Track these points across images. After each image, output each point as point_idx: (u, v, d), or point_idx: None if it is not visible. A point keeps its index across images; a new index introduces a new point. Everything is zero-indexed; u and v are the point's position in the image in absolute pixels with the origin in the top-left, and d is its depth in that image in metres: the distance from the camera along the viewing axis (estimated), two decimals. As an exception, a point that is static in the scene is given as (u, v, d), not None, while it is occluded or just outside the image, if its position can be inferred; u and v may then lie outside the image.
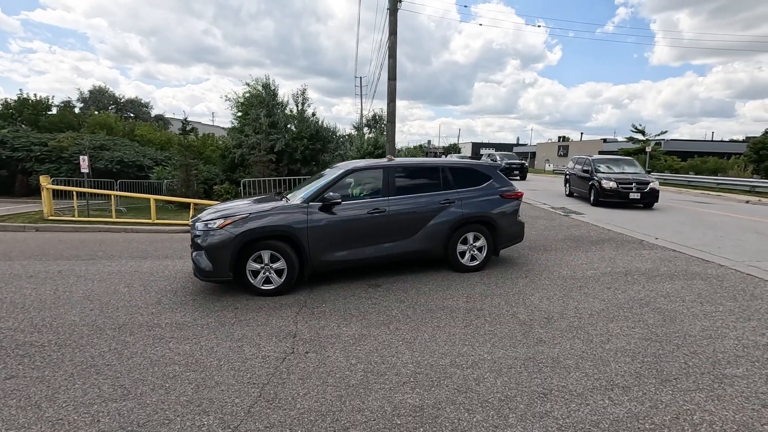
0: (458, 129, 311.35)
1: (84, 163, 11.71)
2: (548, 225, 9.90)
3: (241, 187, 11.35)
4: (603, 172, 13.48)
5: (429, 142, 63.94)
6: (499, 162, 25.04)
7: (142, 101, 49.94)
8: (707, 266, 6.24)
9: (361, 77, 41.34)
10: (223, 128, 33.95)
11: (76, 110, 38.21)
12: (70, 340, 3.84)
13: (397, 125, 15.66)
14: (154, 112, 50.80)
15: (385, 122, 14.94)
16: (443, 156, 43.07)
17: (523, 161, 29.51)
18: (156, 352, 3.62)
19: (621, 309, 4.54)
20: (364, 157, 20.13)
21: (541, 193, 17.64)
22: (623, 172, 13.60)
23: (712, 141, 48.84)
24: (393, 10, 13.13)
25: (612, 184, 12.69)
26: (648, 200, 12.82)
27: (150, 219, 10.50)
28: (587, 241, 8.02)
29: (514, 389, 3.02)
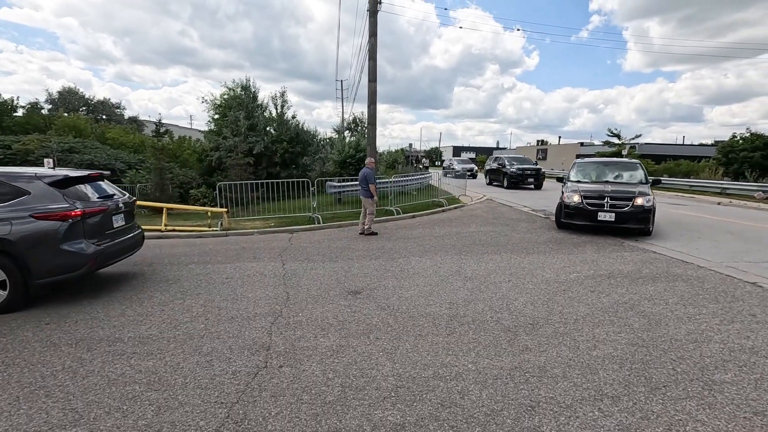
0: (439, 133, 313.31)
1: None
2: (529, 227, 9.88)
3: (217, 191, 10.97)
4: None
5: (410, 145, 64.07)
6: (509, 167, 21.45)
7: (114, 103, 48.43)
8: (687, 267, 6.26)
9: (341, 80, 41.13)
10: (200, 131, 33.21)
11: (44, 112, 36.73)
12: (20, 359, 3.51)
13: (379, 129, 15.53)
14: (129, 114, 49.36)
15: (366, 125, 14.76)
16: (424, 159, 43.13)
17: (539, 167, 21.93)
18: (115, 370, 3.33)
19: (606, 313, 4.46)
20: (345, 161, 19.91)
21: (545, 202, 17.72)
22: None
23: (683, 145, 50.44)
24: (373, 12, 12.99)
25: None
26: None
27: (120, 224, 10.01)
28: (569, 243, 8.00)
29: (500, 402, 2.86)
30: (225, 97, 21.84)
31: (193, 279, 5.86)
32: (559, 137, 70.40)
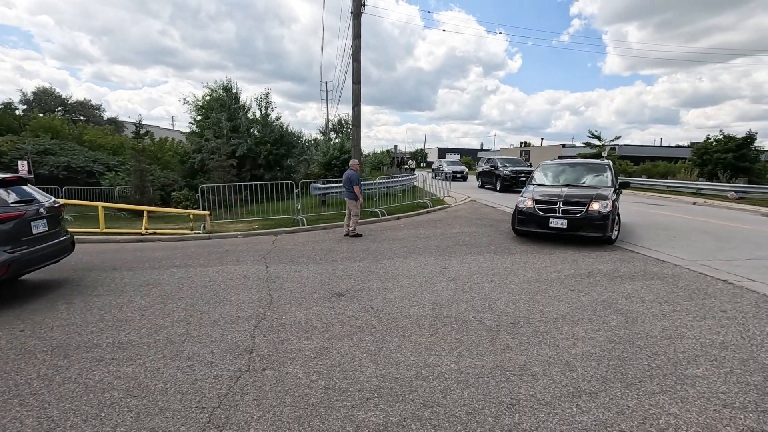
0: (424, 134, 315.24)
1: (23, 168, 10.84)
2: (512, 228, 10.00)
3: (199, 194, 10.82)
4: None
5: (396, 146, 64.16)
6: (502, 169, 20.51)
7: (93, 104, 47.23)
8: (663, 266, 6.44)
9: (326, 82, 41.03)
10: (182, 133, 32.70)
11: (19, 112, 35.63)
12: (-8, 367, 3.41)
13: (364, 130, 15.54)
14: (107, 115, 48.19)
15: (350, 127, 14.77)
16: (410, 161, 43.15)
17: (533, 168, 19.66)
18: (93, 377, 3.27)
19: (585, 311, 4.56)
20: (330, 163, 19.85)
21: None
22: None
23: (661, 146, 51.75)
24: (357, 14, 13.01)
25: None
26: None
27: (99, 228, 9.80)
28: (551, 243, 8.13)
29: (481, 401, 2.90)
30: (207, 98, 21.56)
31: (175, 283, 5.77)
32: (542, 139, 71.48)
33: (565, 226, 7.75)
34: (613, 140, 34.59)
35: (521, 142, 72.04)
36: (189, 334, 4.07)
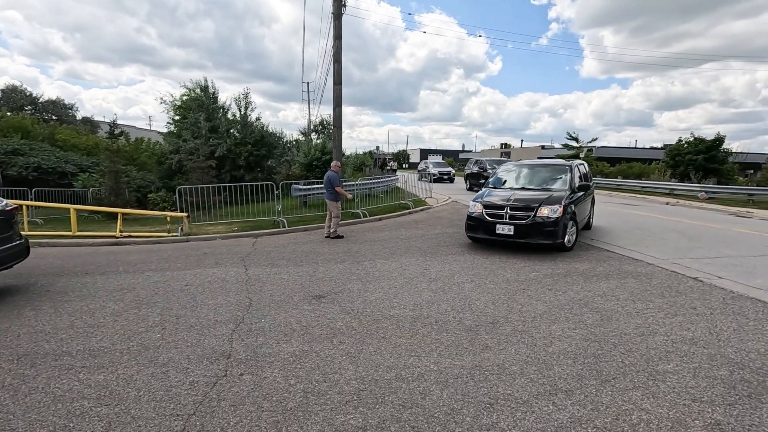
0: (406, 135, 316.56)
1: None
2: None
3: (177, 195, 10.59)
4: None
5: (378, 147, 64.25)
6: (491, 171, 19.21)
7: (66, 103, 45.76)
8: (637, 265, 6.62)
9: (308, 82, 40.71)
10: (159, 132, 31.95)
11: (-15, 111, 34.20)
12: (-47, 378, 3.25)
13: (346, 131, 15.48)
14: (81, 115, 46.76)
15: (332, 128, 14.70)
16: (391, 162, 43.20)
17: None
18: (62, 386, 3.15)
19: (562, 310, 4.64)
20: (311, 164, 19.71)
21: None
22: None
23: (636, 148, 53.22)
24: (337, 15, 12.97)
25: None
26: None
27: (70, 231, 9.49)
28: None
29: (460, 401, 2.92)
30: (185, 98, 21.14)
31: (150, 287, 5.63)
32: (522, 140, 72.83)
33: (512, 233, 7.26)
34: (590, 142, 35.45)
35: (502, 144, 73.07)
36: (164, 339, 3.97)
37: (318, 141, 25.21)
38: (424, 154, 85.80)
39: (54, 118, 40.67)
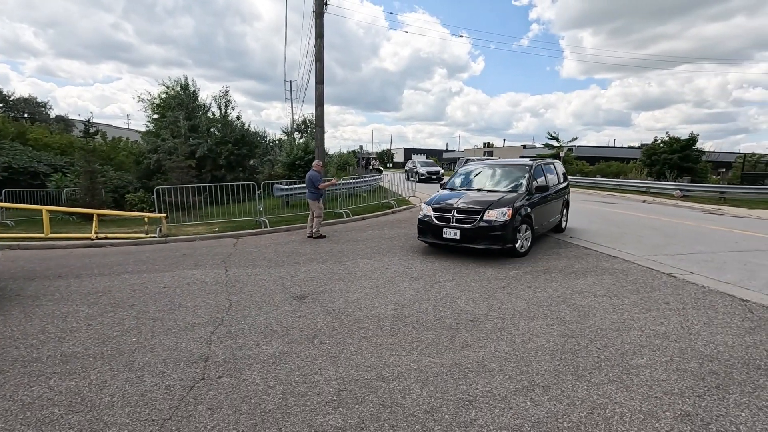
0: (390, 135, 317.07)
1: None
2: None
3: (155, 196, 10.37)
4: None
5: (361, 147, 64.13)
6: None
7: (39, 100, 44.34)
8: (614, 262, 6.77)
9: (290, 81, 40.33)
10: (137, 132, 31.24)
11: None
12: None
13: (330, 130, 15.40)
14: (55, 113, 45.38)
15: (314, 127, 14.60)
16: (374, 161, 43.14)
17: None
18: (31, 393, 3.05)
19: (541, 307, 4.72)
20: (294, 163, 19.55)
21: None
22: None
23: (614, 147, 54.45)
24: (319, 14, 12.88)
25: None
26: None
27: (43, 233, 9.20)
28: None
29: (439, 399, 2.94)
30: (163, 96, 20.72)
31: (126, 290, 5.50)
32: (504, 140, 73.78)
33: (458, 237, 6.89)
34: (570, 141, 36.11)
35: (485, 143, 73.86)
36: (140, 343, 3.88)
37: (301, 140, 25.02)
38: (408, 153, 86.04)
39: (26, 116, 39.34)
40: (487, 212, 6.81)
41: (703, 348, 3.66)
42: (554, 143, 35.48)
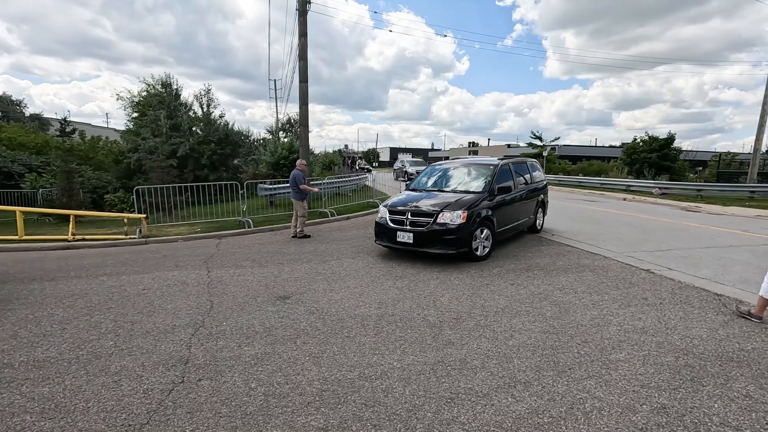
0: (376, 134, 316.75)
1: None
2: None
3: (134, 196, 10.15)
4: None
5: (346, 146, 63.88)
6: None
7: (14, 98, 42.99)
8: (595, 258, 6.89)
9: (275, 80, 39.93)
10: (116, 130, 30.54)
11: None
12: None
13: (315, 130, 15.30)
14: (29, 111, 44.04)
15: (299, 126, 14.49)
16: (360, 160, 43.03)
17: None
18: (1, 401, 2.95)
19: (523, 304, 4.77)
20: (278, 162, 19.38)
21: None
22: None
23: (596, 146, 55.46)
24: (302, 12, 12.80)
25: None
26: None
27: (17, 235, 8.91)
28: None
29: (422, 397, 2.94)
30: (144, 94, 20.31)
31: (104, 292, 5.37)
32: (489, 139, 74.45)
33: (411, 241, 6.61)
34: (553, 141, 36.68)
35: (470, 143, 74.48)
36: (117, 346, 3.79)
37: (286, 139, 24.82)
38: (394, 152, 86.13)
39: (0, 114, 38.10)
40: (440, 215, 6.52)
41: (679, 342, 3.75)
42: (538, 143, 36.02)
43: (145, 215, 9.50)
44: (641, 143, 28.13)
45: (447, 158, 24.13)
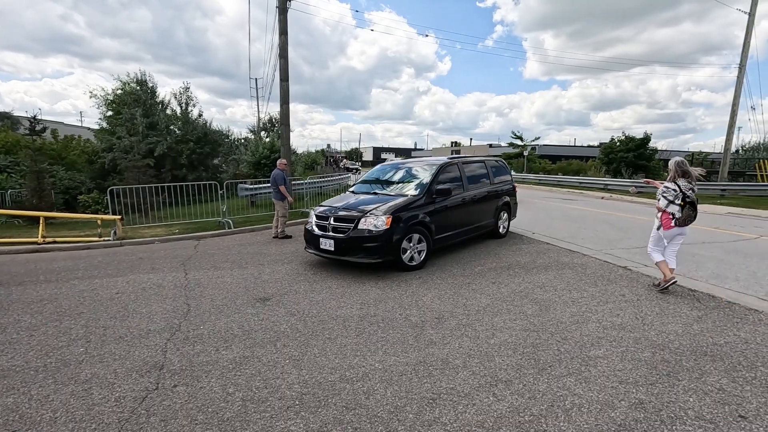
0: (359, 134, 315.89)
1: None
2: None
3: (108, 197, 9.83)
4: None
5: (329, 145, 63.56)
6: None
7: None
8: (574, 256, 6.99)
9: (256, 78, 39.40)
10: (90, 129, 29.61)
11: None
12: None
13: (298, 129, 15.14)
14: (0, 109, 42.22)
15: (279, 125, 14.30)
16: (344, 159, 42.78)
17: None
18: (-39, 413, 2.79)
19: (504, 302, 4.80)
20: (259, 162, 19.11)
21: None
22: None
23: (575, 146, 56.63)
24: (282, 9, 12.63)
25: None
26: None
27: (-17, 238, 8.52)
28: (473, 238, 8.50)
29: (404, 398, 2.91)
30: (119, 92, 19.74)
31: (75, 297, 5.17)
32: (471, 139, 75.16)
33: (332, 249, 6.09)
34: (533, 141, 37.26)
35: (452, 142, 74.98)
36: (88, 353, 3.65)
37: (267, 139, 24.51)
38: (377, 152, 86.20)
39: (-35, 112, 36.47)
40: (362, 220, 5.94)
41: (656, 337, 3.82)
42: (518, 142, 36.53)
43: (120, 216, 9.22)
44: (618, 143, 28.78)
45: (396, 156, 24.09)
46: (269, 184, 11.83)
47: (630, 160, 27.21)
